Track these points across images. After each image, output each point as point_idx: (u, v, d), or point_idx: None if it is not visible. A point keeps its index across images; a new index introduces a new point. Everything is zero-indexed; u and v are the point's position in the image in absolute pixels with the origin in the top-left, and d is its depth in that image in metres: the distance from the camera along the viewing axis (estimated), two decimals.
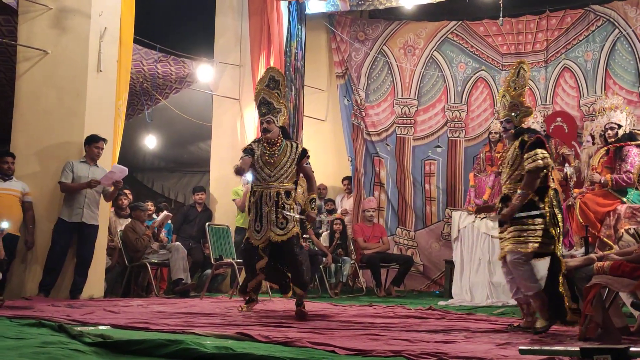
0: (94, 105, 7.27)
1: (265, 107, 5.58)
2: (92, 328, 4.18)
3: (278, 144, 5.59)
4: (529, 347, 2.27)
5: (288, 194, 5.54)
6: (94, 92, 7.27)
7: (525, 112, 4.89)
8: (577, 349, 1.88)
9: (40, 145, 7.16)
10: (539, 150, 4.67)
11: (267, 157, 5.55)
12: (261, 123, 5.62)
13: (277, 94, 5.61)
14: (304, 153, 5.65)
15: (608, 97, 7.13)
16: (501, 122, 4.99)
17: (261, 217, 5.50)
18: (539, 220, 4.66)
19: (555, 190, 4.83)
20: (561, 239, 4.76)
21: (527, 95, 5.33)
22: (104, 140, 7.08)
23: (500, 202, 4.91)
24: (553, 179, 4.87)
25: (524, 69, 4.97)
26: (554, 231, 4.65)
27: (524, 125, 4.94)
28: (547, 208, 4.68)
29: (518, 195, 4.68)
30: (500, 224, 4.89)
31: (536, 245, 4.61)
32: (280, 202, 5.47)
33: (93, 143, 7.02)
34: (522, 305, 4.91)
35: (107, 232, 7.72)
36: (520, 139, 4.81)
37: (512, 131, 4.90)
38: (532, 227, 4.65)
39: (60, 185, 6.94)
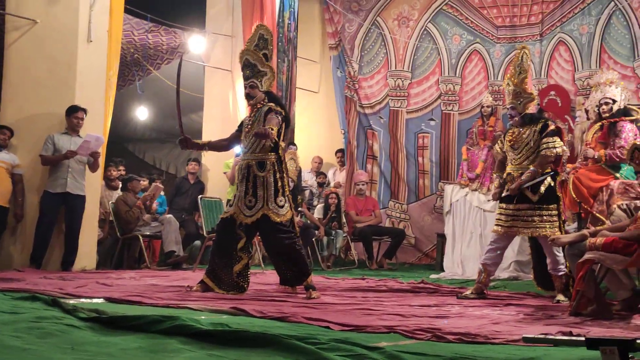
0: (84, 75, 7.19)
1: (249, 70, 5.10)
2: (86, 301, 4.17)
3: (256, 109, 5.13)
4: (532, 336, 2.27)
5: (260, 165, 4.99)
6: (85, 63, 7.18)
7: (528, 98, 5.27)
8: (583, 339, 1.88)
9: (30, 116, 7.10)
10: (557, 139, 5.14)
11: (247, 128, 5.11)
12: (244, 87, 5.17)
13: (265, 55, 5.13)
14: (269, 110, 5.03)
15: (603, 71, 7.09)
16: (507, 109, 5.40)
17: (237, 191, 5.09)
18: (555, 205, 5.14)
19: None
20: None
21: (530, 80, 5.63)
22: (84, 110, 7.01)
23: (509, 182, 5.24)
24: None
25: (526, 54, 5.33)
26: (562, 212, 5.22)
27: (528, 111, 5.29)
28: (559, 193, 5.22)
29: (529, 171, 5.09)
30: (509, 199, 5.22)
31: (557, 230, 5.05)
32: (250, 177, 5.00)
33: (72, 114, 6.97)
34: (483, 272, 5.30)
35: (99, 204, 7.69)
36: (542, 123, 5.21)
37: (517, 118, 5.26)
38: (553, 213, 5.11)
39: (40, 158, 6.92)
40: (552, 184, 5.17)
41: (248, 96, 5.13)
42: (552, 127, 5.22)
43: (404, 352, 2.57)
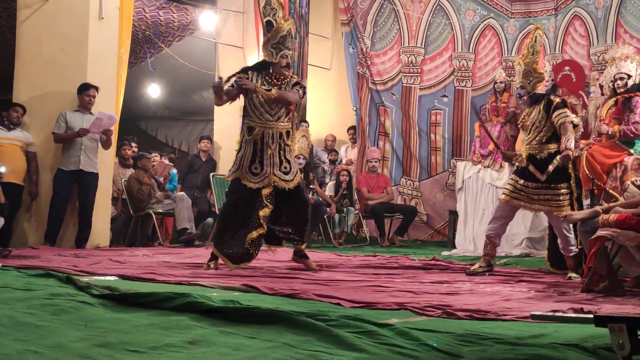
0: (96, 53, 7.20)
1: (290, 41, 5.16)
2: (100, 278, 4.22)
3: (286, 80, 5.16)
4: (540, 313, 2.27)
5: (288, 134, 5.16)
6: (96, 40, 7.18)
7: (537, 78, 5.23)
8: (591, 316, 1.87)
9: (43, 94, 7.12)
10: (566, 109, 5.06)
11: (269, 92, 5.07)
12: (284, 57, 5.12)
13: (269, 22, 5.14)
14: (296, 84, 5.19)
15: (619, 46, 6.98)
16: (517, 89, 5.35)
17: (262, 159, 5.06)
18: (566, 184, 5.07)
19: None
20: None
21: (541, 61, 5.55)
22: (96, 88, 7.03)
23: (528, 162, 5.17)
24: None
25: (539, 34, 5.30)
26: (575, 190, 5.12)
27: (538, 91, 5.25)
28: (572, 171, 5.12)
29: (567, 137, 4.97)
30: (521, 174, 5.18)
31: (569, 208, 4.97)
32: (282, 145, 5.11)
33: (84, 91, 6.99)
34: (489, 244, 5.32)
35: (111, 182, 7.73)
36: (545, 100, 5.14)
37: (526, 97, 5.23)
38: (563, 192, 5.04)
39: (53, 136, 6.97)
40: None
41: (288, 66, 5.22)
42: (556, 100, 5.16)
43: (414, 328, 2.57)
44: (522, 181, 5.18)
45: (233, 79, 5.09)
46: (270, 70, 5.15)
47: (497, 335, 2.52)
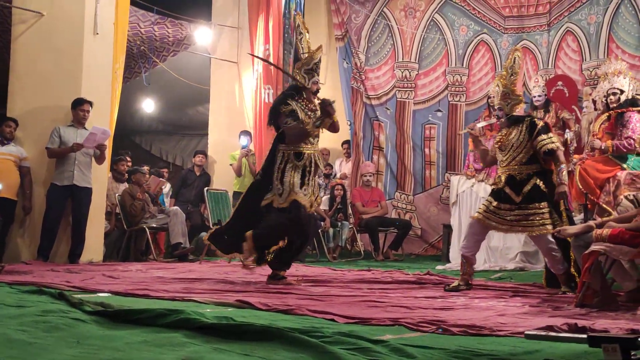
0: (91, 68, 7.21)
1: (319, 68, 5.41)
2: (93, 295, 4.19)
3: (315, 106, 5.35)
4: (534, 332, 2.27)
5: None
6: (91, 55, 7.20)
7: (515, 100, 5.19)
8: (585, 336, 1.87)
9: (37, 108, 7.12)
10: (551, 134, 5.05)
11: (308, 119, 5.23)
12: (315, 82, 5.36)
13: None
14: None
15: (611, 61, 7.03)
16: (495, 110, 5.34)
17: (308, 181, 5.19)
18: (544, 203, 4.97)
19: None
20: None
21: (520, 82, 5.56)
22: (90, 102, 7.03)
23: (505, 184, 5.09)
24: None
25: (518, 56, 5.29)
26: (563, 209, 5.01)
27: (516, 113, 5.20)
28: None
29: (561, 170, 4.99)
30: (497, 195, 5.11)
31: (549, 227, 4.90)
32: (320, 168, 5.34)
33: (78, 106, 6.99)
34: (465, 262, 5.22)
35: (105, 197, 7.71)
36: (528, 121, 5.11)
37: (503, 119, 5.20)
38: (539, 211, 4.96)
39: (47, 151, 6.94)
40: (538, 183, 5.01)
41: (318, 92, 5.36)
42: (540, 123, 5.12)
43: (408, 345, 2.57)
44: (495, 203, 5.10)
45: (288, 109, 5.18)
46: (304, 96, 5.30)
47: (491, 351, 2.51)
